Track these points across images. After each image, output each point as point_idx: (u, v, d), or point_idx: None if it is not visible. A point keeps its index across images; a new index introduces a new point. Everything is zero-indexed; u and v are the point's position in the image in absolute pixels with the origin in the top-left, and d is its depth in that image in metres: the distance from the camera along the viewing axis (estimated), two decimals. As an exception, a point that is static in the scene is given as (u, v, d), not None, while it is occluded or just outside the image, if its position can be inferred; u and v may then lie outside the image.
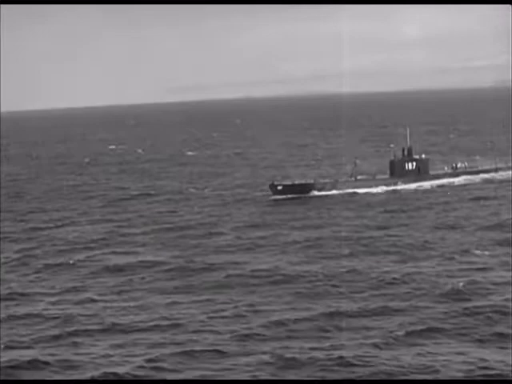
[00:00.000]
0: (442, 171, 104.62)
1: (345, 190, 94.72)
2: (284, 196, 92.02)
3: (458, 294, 47.37)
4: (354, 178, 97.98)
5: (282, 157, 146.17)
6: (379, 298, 47.42)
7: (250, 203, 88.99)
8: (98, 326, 44.61)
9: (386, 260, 57.68)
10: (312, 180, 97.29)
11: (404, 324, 42.08)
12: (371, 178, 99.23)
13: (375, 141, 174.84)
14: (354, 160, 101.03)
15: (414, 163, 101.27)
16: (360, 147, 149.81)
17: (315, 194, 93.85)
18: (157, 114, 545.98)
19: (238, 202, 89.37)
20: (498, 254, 57.58)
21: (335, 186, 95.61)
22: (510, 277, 50.69)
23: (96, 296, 50.95)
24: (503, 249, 59.28)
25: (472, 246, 61.05)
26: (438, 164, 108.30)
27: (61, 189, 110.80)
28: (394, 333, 40.70)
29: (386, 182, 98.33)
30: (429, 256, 58.21)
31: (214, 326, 43.49)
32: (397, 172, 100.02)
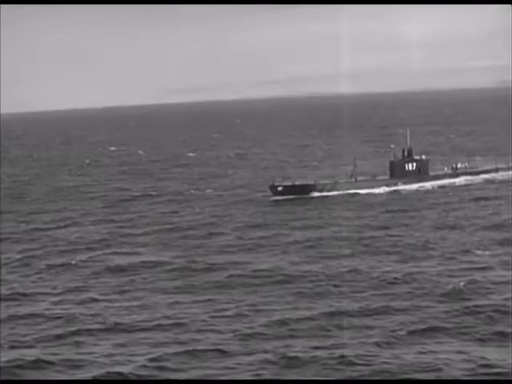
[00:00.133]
0: (442, 172, 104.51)
1: (345, 191, 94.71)
2: (284, 197, 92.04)
3: (458, 294, 47.51)
4: (354, 179, 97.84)
5: (283, 157, 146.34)
6: (380, 297, 47.58)
7: (251, 204, 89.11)
8: (100, 325, 44.74)
9: (386, 260, 57.87)
10: (312, 181, 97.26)
11: (405, 323, 42.23)
12: (371, 179, 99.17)
13: (375, 141, 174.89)
14: (354, 161, 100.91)
15: (414, 164, 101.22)
16: (360, 148, 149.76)
17: (315, 194, 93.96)
18: (157, 116, 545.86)
19: (238, 203, 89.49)
20: (499, 254, 57.74)
21: (335, 187, 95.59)
22: (511, 276, 50.88)
23: (98, 296, 51.12)
24: (504, 248, 59.41)
25: (472, 245, 61.22)
26: (438, 164, 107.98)
27: (62, 190, 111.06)
28: (396, 332, 40.85)
29: (386, 183, 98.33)
30: (430, 256, 58.38)
31: (216, 325, 43.64)
32: (397, 173, 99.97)
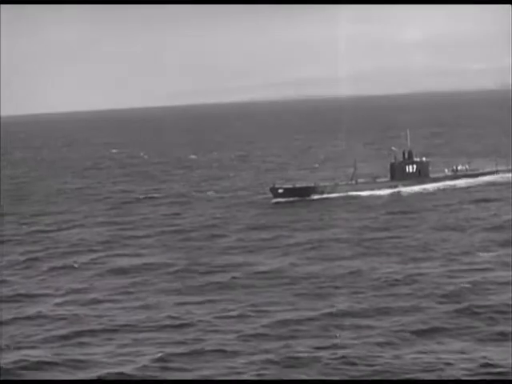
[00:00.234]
0: (442, 174, 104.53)
1: (345, 193, 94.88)
2: (285, 199, 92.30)
3: (460, 295, 47.77)
4: (355, 181, 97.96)
5: (284, 160, 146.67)
6: (382, 298, 47.86)
7: (252, 206, 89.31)
8: (104, 326, 44.96)
9: (387, 261, 58.14)
10: (313, 183, 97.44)
11: (406, 324, 42.49)
12: (372, 181, 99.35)
13: (376, 144, 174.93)
14: (354, 163, 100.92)
15: (415, 166, 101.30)
16: (361, 150, 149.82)
17: (316, 197, 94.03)
18: (159, 118, 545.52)
19: (240, 205, 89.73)
20: (499, 255, 58.04)
21: (336, 189, 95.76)
22: (511, 277, 51.12)
23: (102, 297, 51.40)
24: (504, 250, 59.68)
25: (473, 247, 61.55)
26: (438, 166, 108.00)
27: (65, 192, 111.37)
28: (397, 333, 41.11)
29: (387, 185, 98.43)
30: (430, 257, 58.65)
31: (219, 325, 43.92)
32: (397, 175, 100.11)
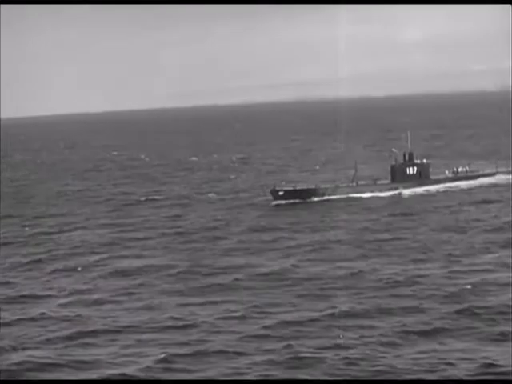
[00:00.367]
0: (443, 175, 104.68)
1: (346, 195, 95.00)
2: (285, 201, 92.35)
3: (461, 295, 47.96)
4: (356, 183, 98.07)
5: (284, 162, 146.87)
6: (384, 299, 48.07)
7: (253, 208, 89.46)
8: (107, 327, 45.12)
9: (389, 262, 58.33)
10: (313, 185, 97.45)
11: (408, 324, 42.68)
12: (372, 183, 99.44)
13: (376, 145, 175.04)
14: (355, 165, 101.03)
15: (415, 168, 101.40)
16: (361, 152, 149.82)
17: (316, 199, 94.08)
18: (158, 120, 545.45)
19: (241, 207, 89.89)
20: (500, 256, 58.27)
21: (336, 191, 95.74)
22: (511, 278, 51.43)
23: (105, 298, 51.56)
24: (505, 251, 59.87)
25: (474, 248, 61.80)
26: (439, 168, 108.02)
27: (66, 194, 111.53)
28: (399, 333, 41.33)
29: (387, 187, 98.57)
30: (432, 258, 58.83)
31: (222, 326, 44.11)
32: (398, 177, 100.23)
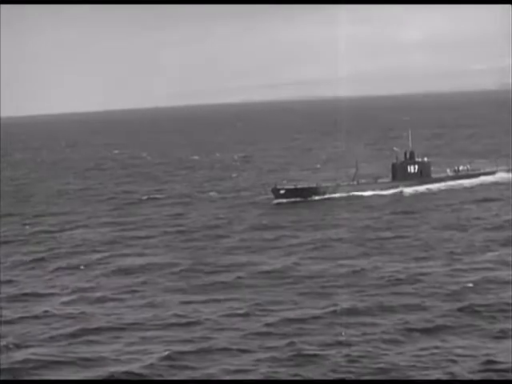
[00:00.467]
0: (444, 174, 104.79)
1: (347, 194, 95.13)
2: (286, 200, 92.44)
3: (462, 293, 48.16)
4: (357, 182, 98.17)
5: (285, 160, 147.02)
6: (385, 296, 48.25)
7: (255, 207, 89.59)
8: (110, 324, 45.28)
9: (390, 260, 58.55)
10: (314, 184, 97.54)
11: (410, 322, 42.86)
12: (373, 182, 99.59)
13: (377, 144, 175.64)
14: (356, 164, 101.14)
15: (416, 166, 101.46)
16: (362, 151, 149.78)
17: (317, 197, 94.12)
18: (159, 119, 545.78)
19: (242, 206, 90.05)
20: (501, 254, 58.46)
21: (337, 190, 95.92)
22: (511, 276, 51.63)
23: (108, 296, 51.74)
24: (505, 249, 60.04)
25: (475, 246, 62.01)
26: (440, 167, 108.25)
27: (67, 193, 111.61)
28: (401, 331, 41.53)
29: (388, 186, 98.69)
30: (433, 256, 59.00)
31: (225, 324, 44.30)
32: (399, 175, 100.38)
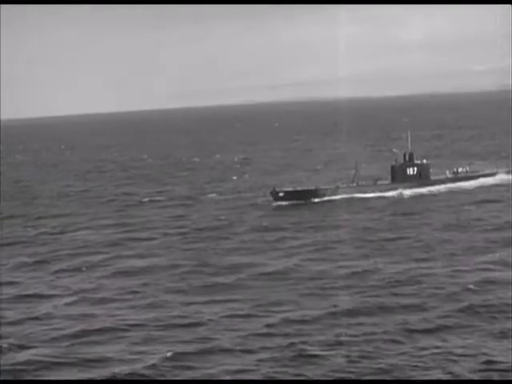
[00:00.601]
0: (443, 176, 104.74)
1: (346, 196, 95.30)
2: (286, 202, 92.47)
3: (462, 294, 48.43)
4: (356, 184, 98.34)
5: (286, 162, 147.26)
6: (386, 297, 48.60)
7: (255, 208, 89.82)
8: (112, 325, 45.54)
9: (391, 261, 58.85)
10: (313, 186, 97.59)
11: (411, 322, 43.21)
12: (373, 184, 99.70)
13: (378, 145, 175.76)
14: (355, 165, 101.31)
15: (415, 168, 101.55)
16: (362, 152, 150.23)
17: (316, 200, 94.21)
18: (159, 120, 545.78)
19: (243, 208, 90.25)
20: (501, 255, 58.70)
21: (337, 192, 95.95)
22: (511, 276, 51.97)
23: (110, 297, 52.10)
24: (505, 250, 60.30)
25: (475, 247, 62.35)
26: (439, 168, 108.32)
27: (68, 195, 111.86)
28: (402, 331, 41.85)
29: (388, 188, 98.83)
30: (433, 257, 59.33)
31: (227, 325, 44.63)
32: (398, 177, 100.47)
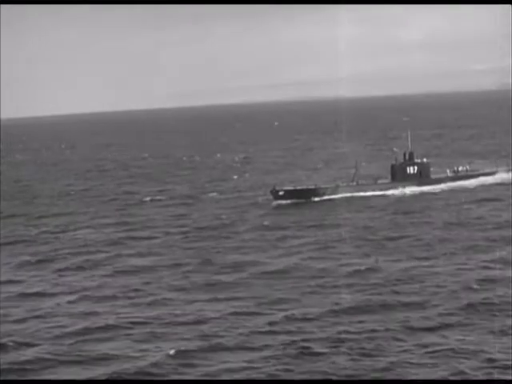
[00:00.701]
0: (443, 175, 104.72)
1: (346, 195, 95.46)
2: (286, 201, 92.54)
3: (463, 292, 48.61)
4: (356, 183, 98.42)
5: (286, 161, 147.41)
6: (388, 295, 48.85)
7: (256, 207, 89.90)
8: (115, 323, 45.67)
9: (392, 259, 59.06)
10: (313, 185, 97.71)
11: (412, 320, 43.45)
12: (373, 183, 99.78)
13: (377, 145, 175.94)
14: (355, 164, 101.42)
15: (416, 167, 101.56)
16: (362, 151, 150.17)
17: (317, 199, 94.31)
18: (159, 120, 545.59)
19: (244, 207, 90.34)
20: (502, 253, 58.87)
21: (337, 191, 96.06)
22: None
23: (113, 295, 52.25)
24: (506, 248, 60.54)
25: (476, 245, 62.57)
26: (439, 167, 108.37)
27: (69, 194, 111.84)
28: (404, 328, 42.08)
29: (388, 187, 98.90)
30: (434, 256, 59.53)
31: (229, 322, 44.81)
32: (398, 176, 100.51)
